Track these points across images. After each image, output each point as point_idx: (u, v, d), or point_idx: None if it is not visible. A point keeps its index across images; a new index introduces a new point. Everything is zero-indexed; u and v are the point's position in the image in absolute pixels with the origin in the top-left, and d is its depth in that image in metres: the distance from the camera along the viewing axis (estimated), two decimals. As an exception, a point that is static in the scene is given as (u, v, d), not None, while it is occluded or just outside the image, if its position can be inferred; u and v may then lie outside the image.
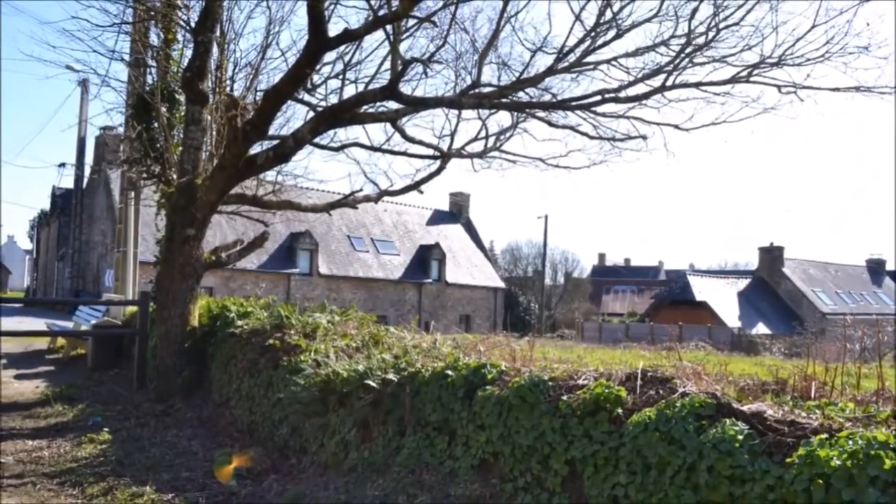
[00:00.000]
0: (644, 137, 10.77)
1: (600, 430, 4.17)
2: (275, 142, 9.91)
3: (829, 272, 51.35)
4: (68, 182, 35.06)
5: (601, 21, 9.61)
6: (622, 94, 9.98)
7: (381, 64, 11.53)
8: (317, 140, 11.22)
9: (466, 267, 42.08)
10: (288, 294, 32.20)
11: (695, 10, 9.41)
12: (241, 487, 5.94)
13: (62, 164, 33.65)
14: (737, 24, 9.38)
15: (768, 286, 46.98)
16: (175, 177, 10.51)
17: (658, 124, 10.45)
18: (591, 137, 11.03)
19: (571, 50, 9.92)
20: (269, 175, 12.79)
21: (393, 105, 10.31)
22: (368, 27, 8.16)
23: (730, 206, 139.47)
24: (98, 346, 11.71)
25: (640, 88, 9.97)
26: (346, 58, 11.59)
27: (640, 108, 10.34)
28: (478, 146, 12.13)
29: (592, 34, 9.75)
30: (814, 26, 8.92)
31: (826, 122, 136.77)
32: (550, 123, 11.03)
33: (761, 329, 40.46)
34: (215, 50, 10.59)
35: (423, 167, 12.48)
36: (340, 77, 11.77)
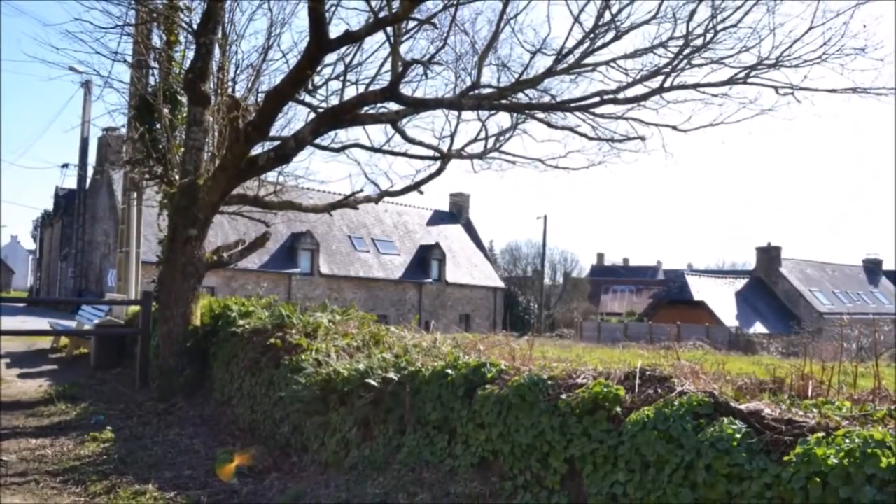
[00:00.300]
0: (642, 138, 10.82)
1: (599, 428, 4.20)
2: (276, 143, 9.94)
3: (826, 272, 51.43)
4: (71, 182, 35.17)
5: (600, 23, 9.65)
6: (621, 96, 10.02)
7: (382, 65, 11.59)
8: (318, 141, 11.25)
9: (466, 267, 42.12)
10: (289, 294, 32.24)
11: (693, 12, 9.46)
12: (243, 485, 5.96)
13: (65, 165, 33.77)
14: (734, 25, 9.44)
15: (766, 286, 47.04)
16: (177, 177, 10.56)
17: (656, 125, 10.50)
18: (590, 138, 11.07)
19: (570, 51, 9.95)
20: (271, 176, 12.84)
21: (393, 106, 10.35)
22: (369, 29, 8.18)
23: (727, 207, 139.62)
24: (101, 345, 11.75)
25: (638, 90, 10.02)
26: (347, 59, 11.64)
27: (639, 109, 10.39)
28: (478, 147, 12.18)
29: (591, 36, 9.78)
30: (811, 28, 8.98)
31: (823, 123, 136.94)
32: (550, 124, 11.07)
33: (759, 328, 40.52)
34: (217, 51, 10.62)
35: (423, 168, 12.54)
36: (341, 78, 11.81)
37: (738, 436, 3.52)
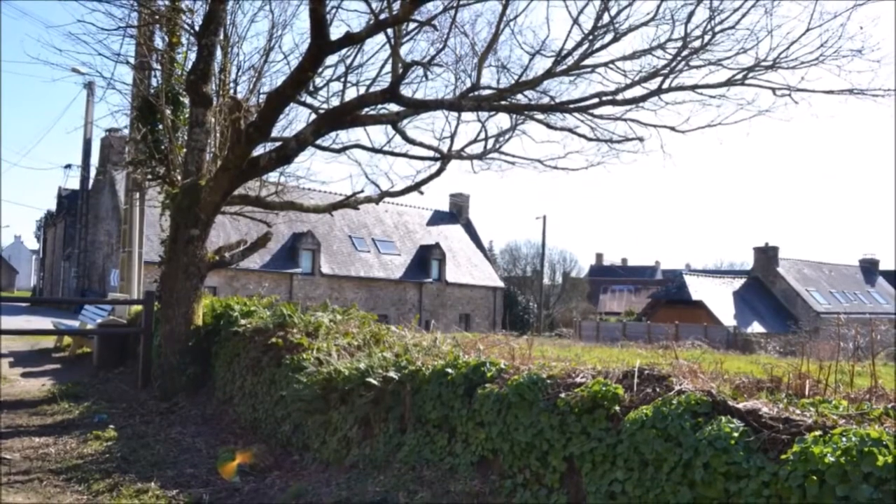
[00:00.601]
0: (641, 139, 10.85)
1: (598, 427, 4.23)
2: (277, 143, 9.98)
3: (823, 272, 51.48)
4: (74, 183, 35.33)
5: (599, 25, 9.66)
6: (619, 97, 10.04)
7: (382, 67, 11.63)
8: (319, 142, 11.28)
9: (466, 267, 42.17)
10: (290, 293, 32.29)
11: (691, 14, 9.48)
12: (245, 484, 6.00)
13: (68, 166, 34.00)
14: (732, 27, 9.46)
15: (763, 286, 47.09)
16: (179, 178, 10.60)
17: (655, 126, 10.53)
18: (589, 139, 11.09)
19: (569, 53, 9.97)
20: (272, 176, 12.89)
21: (394, 107, 10.39)
22: (370, 30, 8.21)
23: (725, 207, 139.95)
24: (103, 344, 11.77)
25: (637, 91, 10.04)
26: (348, 61, 11.69)
27: (637, 110, 10.41)
28: (477, 148, 12.22)
29: (590, 38, 9.80)
30: (808, 30, 9.01)
31: (820, 123, 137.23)
32: (549, 125, 11.09)
33: (756, 328, 40.51)
34: (219, 53, 10.67)
35: (423, 168, 12.60)
36: (342, 80, 11.85)
37: (735, 434, 3.55)
